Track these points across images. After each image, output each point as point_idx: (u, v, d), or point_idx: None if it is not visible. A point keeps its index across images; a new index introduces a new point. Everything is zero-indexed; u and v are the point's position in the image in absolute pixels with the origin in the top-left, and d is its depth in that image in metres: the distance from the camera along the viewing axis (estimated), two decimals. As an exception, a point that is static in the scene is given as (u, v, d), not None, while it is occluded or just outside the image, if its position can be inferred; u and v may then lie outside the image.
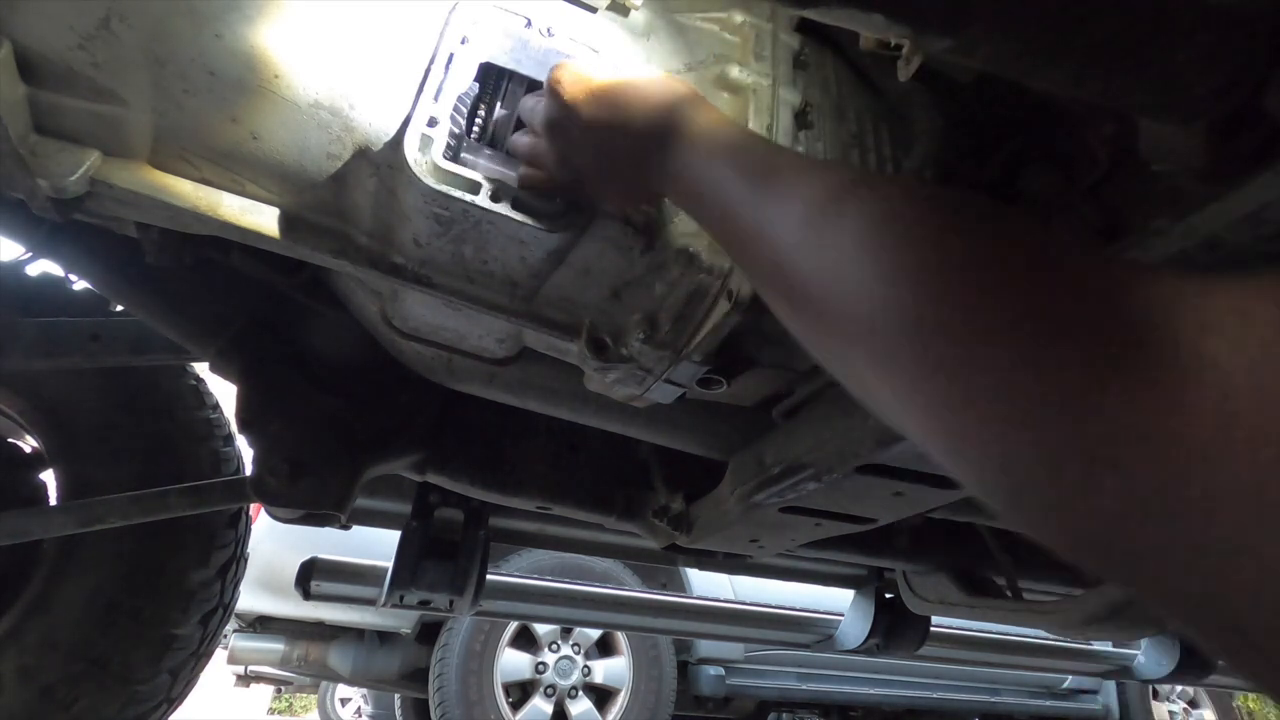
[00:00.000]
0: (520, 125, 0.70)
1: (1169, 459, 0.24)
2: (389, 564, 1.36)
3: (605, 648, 3.18)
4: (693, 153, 0.55)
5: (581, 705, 3.05)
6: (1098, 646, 2.50)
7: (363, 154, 0.70)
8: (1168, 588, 0.26)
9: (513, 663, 3.01)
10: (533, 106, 0.67)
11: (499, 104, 0.70)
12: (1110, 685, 4.25)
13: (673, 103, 0.58)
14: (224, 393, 1.42)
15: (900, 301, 0.34)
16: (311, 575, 1.64)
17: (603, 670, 3.12)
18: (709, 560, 1.40)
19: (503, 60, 0.70)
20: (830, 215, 0.41)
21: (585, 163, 0.64)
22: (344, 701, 6.07)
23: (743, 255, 0.51)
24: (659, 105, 0.58)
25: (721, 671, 3.45)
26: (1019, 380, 0.29)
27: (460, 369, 0.98)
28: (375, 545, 1.79)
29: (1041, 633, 2.33)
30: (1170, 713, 4.42)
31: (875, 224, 0.38)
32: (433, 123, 0.67)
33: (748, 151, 0.52)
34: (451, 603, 1.38)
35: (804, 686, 3.65)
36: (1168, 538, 0.25)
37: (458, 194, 0.67)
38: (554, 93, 0.62)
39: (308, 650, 3.15)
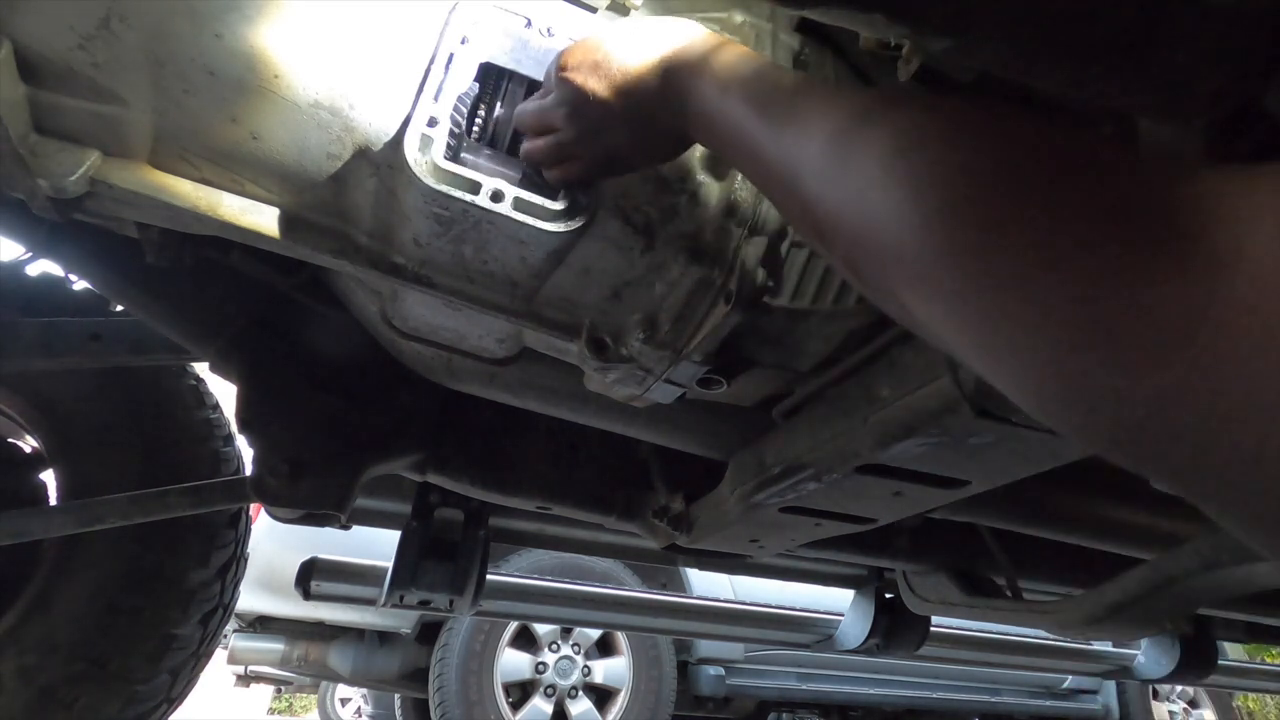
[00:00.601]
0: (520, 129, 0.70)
1: (1199, 356, 0.24)
2: (389, 564, 1.36)
3: (605, 648, 3.18)
4: (709, 91, 0.53)
5: (581, 705, 3.05)
6: (1098, 646, 2.50)
7: (363, 154, 0.70)
8: (1202, 484, 0.26)
9: (513, 663, 3.01)
10: (538, 108, 0.66)
11: (499, 104, 0.70)
12: (1110, 685, 4.25)
13: (683, 49, 0.57)
14: (224, 393, 1.42)
15: (928, 223, 0.34)
16: (311, 575, 1.64)
17: (603, 670, 3.11)
18: (709, 560, 1.40)
19: (503, 60, 0.70)
20: (851, 143, 0.40)
21: (614, 138, 0.63)
22: (344, 701, 6.08)
23: (772, 192, 0.50)
24: (670, 58, 0.57)
25: (721, 671, 3.44)
26: (1052, 287, 0.29)
27: (460, 369, 0.98)
28: (375, 545, 1.79)
29: (1041, 633, 2.33)
30: (1170, 713, 4.42)
31: (894, 147, 0.37)
32: (433, 123, 0.67)
33: (766, 83, 0.50)
34: (451, 603, 1.38)
35: (804, 686, 3.65)
36: (1200, 434, 0.24)
37: (458, 194, 0.67)
38: (566, 83, 0.62)
39: (308, 650, 3.15)
